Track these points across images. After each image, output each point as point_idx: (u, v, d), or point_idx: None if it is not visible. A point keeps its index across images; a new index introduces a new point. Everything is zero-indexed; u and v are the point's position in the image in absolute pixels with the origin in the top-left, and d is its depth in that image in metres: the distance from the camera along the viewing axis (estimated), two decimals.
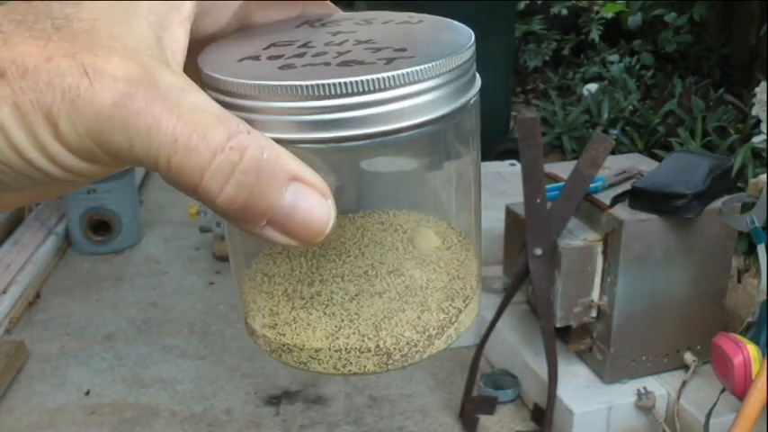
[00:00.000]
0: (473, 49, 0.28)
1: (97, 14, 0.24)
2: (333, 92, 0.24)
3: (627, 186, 1.81)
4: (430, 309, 0.30)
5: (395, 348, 0.29)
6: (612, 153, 1.85)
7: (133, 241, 2.96)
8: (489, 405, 1.99)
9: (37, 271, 2.66)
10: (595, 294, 1.81)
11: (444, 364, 2.19)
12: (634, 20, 4.16)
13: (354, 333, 0.28)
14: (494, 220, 2.29)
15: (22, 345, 2.22)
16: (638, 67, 4.00)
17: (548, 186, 1.77)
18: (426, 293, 0.30)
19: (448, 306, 0.31)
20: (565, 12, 4.58)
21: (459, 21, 0.30)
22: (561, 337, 1.88)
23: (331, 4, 0.32)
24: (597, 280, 1.80)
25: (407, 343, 0.29)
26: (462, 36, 0.28)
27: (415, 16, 0.31)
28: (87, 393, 2.11)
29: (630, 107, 3.47)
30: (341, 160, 0.27)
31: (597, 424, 1.83)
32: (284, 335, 0.29)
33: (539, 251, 1.75)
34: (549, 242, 1.75)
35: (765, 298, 1.53)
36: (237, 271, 0.32)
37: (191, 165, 0.23)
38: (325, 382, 2.14)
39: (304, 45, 0.28)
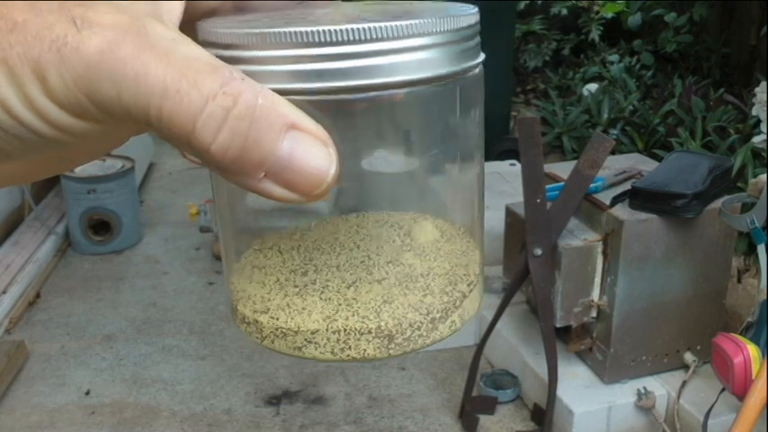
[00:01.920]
0: (477, 18, 0.27)
1: None
2: (338, 38, 0.23)
3: (627, 186, 1.81)
4: (433, 292, 0.28)
5: (397, 331, 0.27)
6: (612, 153, 1.85)
7: (133, 241, 2.96)
8: (489, 405, 1.99)
9: (37, 271, 2.67)
10: (595, 294, 1.81)
11: (444, 364, 2.19)
12: (634, 20, 4.16)
13: (354, 315, 0.27)
14: (494, 220, 2.29)
15: (22, 345, 2.22)
16: (638, 67, 4.00)
17: (548, 186, 1.77)
18: (428, 279, 0.29)
19: (451, 290, 0.29)
20: (565, 12, 4.58)
21: None
22: (561, 337, 1.88)
23: None
24: (597, 280, 1.80)
25: (410, 325, 0.28)
26: (466, 9, 0.28)
27: (416, 3, 0.30)
28: (87, 393, 2.11)
29: (630, 107, 3.47)
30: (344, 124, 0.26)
31: (597, 424, 1.83)
32: (277, 318, 0.28)
33: (539, 251, 1.75)
34: (549, 242, 1.75)
35: (765, 298, 1.54)
36: (228, 265, 0.32)
37: (182, 112, 0.22)
38: (325, 382, 2.14)
39: (305, 17, 0.27)
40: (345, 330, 0.27)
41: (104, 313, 2.51)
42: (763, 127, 2.68)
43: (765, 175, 1.60)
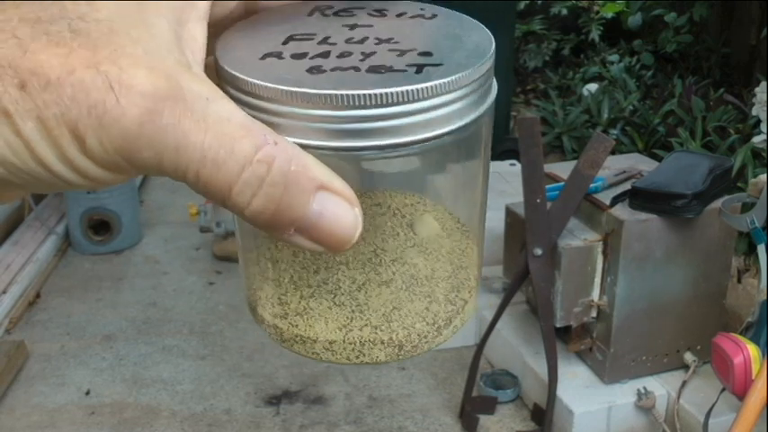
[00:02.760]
0: (493, 50, 0.28)
1: (113, 14, 0.23)
2: (368, 102, 0.24)
3: (627, 186, 1.81)
4: (438, 300, 0.30)
5: (406, 340, 0.29)
6: (612, 153, 1.85)
7: (133, 241, 2.96)
8: (489, 405, 1.99)
9: (37, 271, 2.66)
10: (595, 294, 1.81)
11: (444, 364, 2.19)
12: (634, 20, 4.16)
13: (367, 325, 0.29)
14: (494, 220, 2.29)
15: (22, 345, 2.22)
16: (638, 67, 4.00)
17: (548, 186, 1.77)
18: (432, 284, 0.30)
19: (455, 297, 0.31)
20: (565, 12, 4.58)
21: None
22: (561, 337, 1.88)
23: None
24: (597, 280, 1.80)
25: (418, 335, 0.29)
26: (482, 38, 0.28)
27: (427, 8, 0.30)
28: (87, 393, 2.11)
29: (630, 107, 3.47)
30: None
31: (597, 424, 1.83)
32: (297, 326, 0.30)
33: (539, 251, 1.75)
34: (549, 242, 1.75)
35: (765, 298, 1.53)
36: (244, 255, 0.32)
37: (219, 179, 0.23)
38: (325, 382, 2.14)
39: (324, 41, 0.27)
40: (360, 341, 0.29)
41: (104, 313, 2.51)
42: (763, 127, 2.68)
43: (765, 175, 1.60)
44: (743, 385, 1.40)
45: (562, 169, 1.93)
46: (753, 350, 1.41)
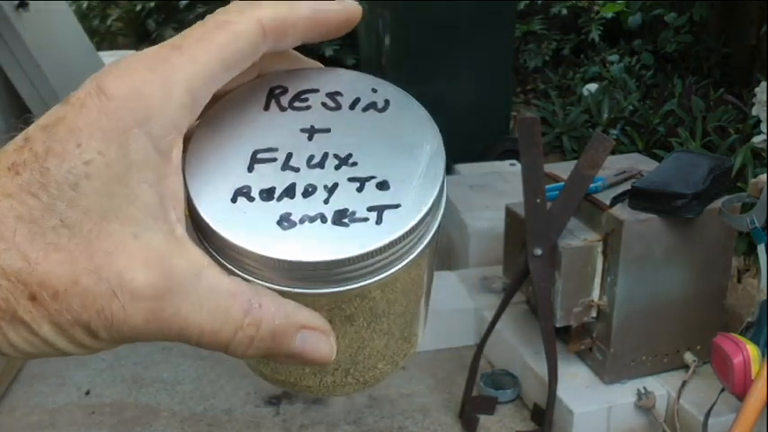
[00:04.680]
0: (444, 168, 0.30)
1: (100, 194, 0.25)
2: (334, 266, 0.27)
3: (627, 186, 1.81)
4: (394, 336, 0.33)
5: (371, 378, 0.35)
6: (612, 153, 1.85)
7: None
8: (489, 405, 1.99)
9: None
10: (595, 294, 1.81)
11: (444, 364, 2.19)
12: (634, 20, 4.17)
13: (337, 369, 0.33)
14: (494, 220, 2.29)
15: None
16: (638, 67, 4.00)
17: (548, 186, 1.77)
18: (390, 320, 0.32)
19: (409, 334, 0.34)
20: (565, 12, 4.59)
21: (460, 21, 0.30)
22: (561, 337, 1.88)
23: (296, 54, 0.32)
24: (597, 280, 1.80)
25: (381, 372, 0.35)
26: (433, 143, 0.30)
27: (380, 94, 0.31)
28: (87, 393, 2.11)
29: (630, 107, 3.47)
30: None
31: (597, 424, 1.83)
32: (278, 372, 0.34)
33: (539, 251, 1.75)
34: (549, 242, 1.75)
35: (765, 298, 1.53)
36: None
37: (216, 342, 0.27)
38: None
39: (287, 163, 0.29)
40: (333, 384, 0.34)
41: None
42: (763, 127, 2.68)
43: (765, 175, 1.60)
44: (743, 385, 1.40)
45: (562, 169, 1.93)
46: (753, 350, 1.41)
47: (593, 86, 3.82)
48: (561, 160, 3.26)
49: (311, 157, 0.29)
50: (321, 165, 0.29)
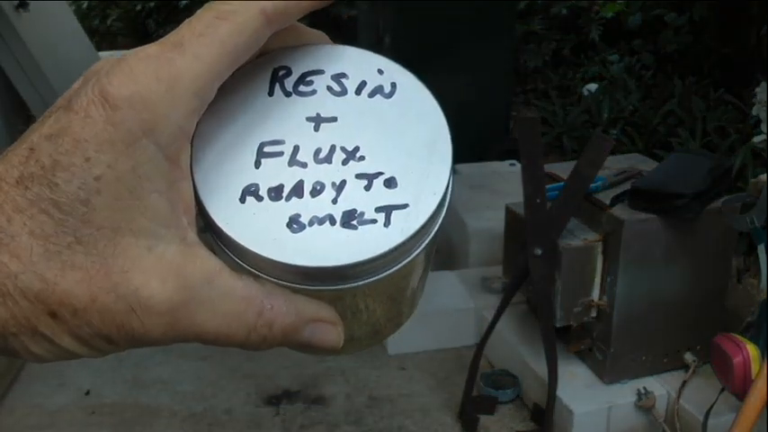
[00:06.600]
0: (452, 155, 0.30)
1: (112, 208, 0.25)
2: (342, 272, 0.28)
3: (627, 186, 1.81)
4: (393, 311, 0.34)
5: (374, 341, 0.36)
6: (612, 153, 1.85)
7: None
8: (489, 405, 1.99)
9: None
10: (595, 294, 1.81)
11: (444, 364, 2.19)
12: (634, 20, 4.16)
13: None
14: (494, 220, 2.29)
15: None
16: (638, 67, 4.00)
17: (548, 186, 1.77)
18: (389, 302, 0.33)
19: (411, 305, 0.35)
20: (565, 12, 4.58)
21: (460, 21, 0.30)
22: (561, 337, 1.88)
23: (299, 26, 0.31)
24: (597, 280, 1.80)
25: (384, 336, 0.36)
26: (440, 136, 0.30)
27: (387, 77, 0.31)
28: (87, 393, 2.11)
29: (630, 107, 3.47)
30: None
31: (597, 424, 1.83)
32: None
33: (539, 251, 1.75)
34: (549, 242, 1.75)
35: (765, 298, 1.53)
36: None
37: (231, 343, 0.28)
38: (325, 382, 2.14)
39: (294, 158, 0.29)
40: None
41: None
42: (763, 127, 2.68)
43: (765, 175, 1.60)
44: (742, 385, 1.40)
45: (562, 169, 1.93)
46: (752, 350, 1.41)
47: (593, 86, 3.82)
48: (561, 160, 3.26)
49: (318, 151, 0.29)
50: (328, 159, 0.29)
